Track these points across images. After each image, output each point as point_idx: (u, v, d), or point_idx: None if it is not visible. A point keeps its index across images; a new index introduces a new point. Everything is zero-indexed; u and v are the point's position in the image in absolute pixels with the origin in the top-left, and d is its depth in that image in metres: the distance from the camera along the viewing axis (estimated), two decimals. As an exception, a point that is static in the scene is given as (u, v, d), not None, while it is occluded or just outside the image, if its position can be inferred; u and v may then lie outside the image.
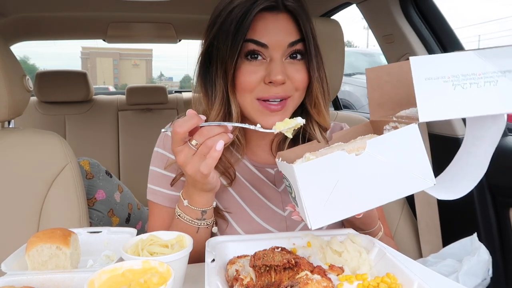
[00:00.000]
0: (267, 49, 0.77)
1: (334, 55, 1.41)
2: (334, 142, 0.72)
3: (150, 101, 2.65)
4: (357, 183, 0.58)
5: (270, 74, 0.76)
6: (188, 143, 0.67)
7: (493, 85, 0.53)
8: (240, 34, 0.75)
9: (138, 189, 1.89)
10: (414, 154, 0.57)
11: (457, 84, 0.53)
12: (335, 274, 0.62)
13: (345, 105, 3.75)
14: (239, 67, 0.78)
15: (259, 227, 0.86)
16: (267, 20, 0.77)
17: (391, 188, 0.58)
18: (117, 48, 58.97)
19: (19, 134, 1.15)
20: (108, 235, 0.80)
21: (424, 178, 0.58)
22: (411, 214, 1.38)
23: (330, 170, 0.57)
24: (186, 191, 0.77)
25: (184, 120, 0.65)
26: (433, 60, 0.54)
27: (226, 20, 0.77)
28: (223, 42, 0.77)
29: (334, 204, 0.58)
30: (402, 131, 0.57)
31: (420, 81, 0.53)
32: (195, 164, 0.67)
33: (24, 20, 1.94)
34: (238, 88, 0.79)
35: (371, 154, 0.56)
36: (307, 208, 0.58)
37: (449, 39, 1.35)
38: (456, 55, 0.54)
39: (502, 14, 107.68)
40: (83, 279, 0.56)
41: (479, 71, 0.53)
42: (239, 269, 0.63)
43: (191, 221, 0.77)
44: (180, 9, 1.92)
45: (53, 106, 2.52)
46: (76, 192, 1.15)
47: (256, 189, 0.90)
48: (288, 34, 0.78)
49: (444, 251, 0.77)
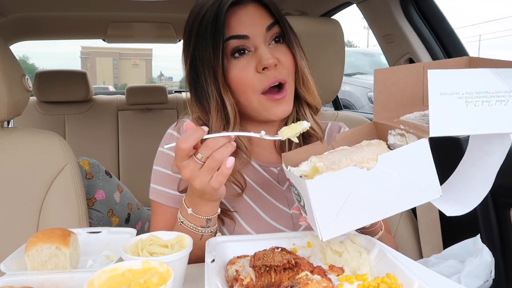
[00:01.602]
0: (249, 40, 0.79)
1: (334, 55, 1.41)
2: (337, 145, 0.72)
3: (150, 101, 2.65)
4: (368, 196, 0.59)
5: (261, 60, 0.78)
6: (193, 157, 0.65)
7: (504, 105, 0.54)
8: (218, 34, 0.77)
9: (138, 189, 1.89)
10: (423, 167, 0.58)
11: (470, 101, 0.54)
12: (335, 274, 0.62)
13: (345, 105, 3.75)
14: (228, 68, 0.80)
15: (268, 225, 0.86)
16: (238, 14, 0.80)
17: (400, 200, 0.60)
18: (117, 48, 58.94)
19: (19, 134, 1.15)
20: (108, 235, 0.79)
21: (432, 190, 0.59)
22: (411, 214, 1.38)
23: (342, 185, 0.58)
24: (191, 200, 0.74)
25: (188, 135, 0.63)
26: (449, 75, 0.54)
27: (200, 27, 0.79)
28: (204, 49, 0.79)
29: (345, 217, 0.59)
30: (413, 147, 0.58)
31: (435, 96, 0.53)
32: (204, 179, 0.65)
33: (23, 20, 1.94)
34: (236, 88, 0.80)
35: (383, 169, 0.58)
36: (318, 221, 0.59)
37: (449, 39, 1.35)
38: (472, 72, 0.54)
39: (503, 14, 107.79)
40: (82, 279, 0.56)
41: (493, 90, 0.54)
42: (239, 269, 0.63)
43: (195, 229, 0.75)
44: (180, 9, 1.92)
45: (52, 106, 2.52)
46: (76, 192, 1.15)
47: (262, 188, 0.90)
48: (262, 19, 0.81)
49: (446, 251, 0.76)
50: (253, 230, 0.85)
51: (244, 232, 0.85)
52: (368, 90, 5.13)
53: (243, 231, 0.85)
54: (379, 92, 0.68)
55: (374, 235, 0.83)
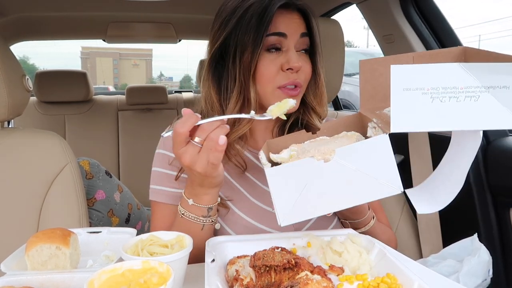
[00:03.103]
0: (285, 39, 0.84)
1: (334, 55, 1.41)
2: (321, 133, 0.74)
3: (150, 101, 2.65)
4: (325, 187, 0.60)
5: (290, 61, 0.83)
6: (191, 141, 0.69)
7: (474, 101, 0.53)
8: (263, 28, 0.81)
9: (138, 189, 1.89)
10: (383, 162, 0.59)
11: (435, 97, 0.53)
12: (335, 274, 0.62)
13: (345, 105, 3.75)
14: (260, 58, 0.84)
15: (261, 210, 0.88)
16: (284, 15, 0.85)
17: (359, 193, 0.61)
18: (117, 48, 59.01)
19: (19, 134, 1.15)
20: (108, 235, 0.80)
21: (392, 185, 0.60)
22: (411, 214, 1.38)
23: (299, 175, 0.59)
24: (191, 191, 0.77)
25: (183, 121, 0.67)
26: (415, 70, 0.53)
27: (245, 15, 0.83)
28: (243, 35, 0.83)
29: (302, 205, 0.61)
30: (373, 141, 0.58)
31: (398, 91, 0.53)
32: (203, 161, 0.68)
33: (24, 20, 1.93)
34: (259, 79, 0.85)
35: (340, 162, 0.58)
36: (276, 207, 0.62)
37: (449, 39, 1.35)
38: (440, 66, 0.53)
39: (502, 14, 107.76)
40: (82, 279, 0.56)
41: (462, 85, 0.53)
42: (239, 269, 0.63)
43: (196, 219, 0.77)
44: (180, 9, 1.92)
45: (52, 106, 2.52)
46: (76, 192, 1.15)
47: (256, 177, 0.92)
48: (300, 27, 0.87)
49: (444, 251, 0.77)
50: (245, 215, 0.87)
51: (236, 219, 0.87)
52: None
53: (235, 217, 0.87)
54: (366, 82, 0.68)
55: (363, 226, 0.88)
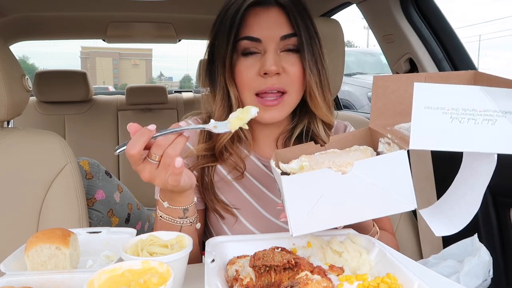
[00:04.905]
0: (260, 43, 0.81)
1: (334, 55, 1.41)
2: (330, 146, 0.73)
3: (150, 101, 2.65)
4: (340, 199, 0.60)
5: (264, 65, 0.79)
6: (148, 159, 0.64)
7: (491, 124, 0.54)
8: (233, 31, 0.79)
9: (138, 189, 1.89)
10: (399, 178, 0.59)
11: (455, 118, 0.53)
12: (335, 274, 0.62)
13: (345, 105, 3.74)
14: (236, 63, 0.82)
15: (268, 222, 0.87)
16: (258, 15, 0.81)
17: (373, 207, 0.61)
18: (116, 48, 58.95)
19: (19, 134, 1.15)
20: (108, 235, 0.79)
21: (407, 202, 0.59)
22: (411, 214, 1.38)
23: (316, 185, 0.59)
24: (164, 194, 0.74)
25: (134, 141, 0.61)
26: (437, 89, 0.54)
27: (223, 18, 0.82)
28: (221, 40, 0.82)
29: (316, 216, 0.60)
30: (391, 156, 0.58)
31: (419, 109, 0.53)
32: (163, 177, 0.64)
33: (23, 20, 1.93)
34: (238, 84, 0.84)
35: (357, 175, 0.58)
36: (290, 217, 0.61)
37: (449, 39, 1.35)
38: (461, 88, 0.54)
39: (502, 14, 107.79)
40: (82, 280, 0.56)
41: (481, 108, 0.53)
42: (239, 269, 0.63)
43: (173, 221, 0.75)
44: (180, 9, 1.92)
45: (52, 106, 2.52)
46: (76, 192, 1.15)
47: (263, 184, 0.91)
48: (280, 28, 0.81)
49: (445, 251, 0.76)
50: (253, 227, 0.86)
51: (244, 229, 0.86)
52: (368, 90, 5.13)
53: (244, 228, 0.86)
54: (377, 99, 0.69)
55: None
